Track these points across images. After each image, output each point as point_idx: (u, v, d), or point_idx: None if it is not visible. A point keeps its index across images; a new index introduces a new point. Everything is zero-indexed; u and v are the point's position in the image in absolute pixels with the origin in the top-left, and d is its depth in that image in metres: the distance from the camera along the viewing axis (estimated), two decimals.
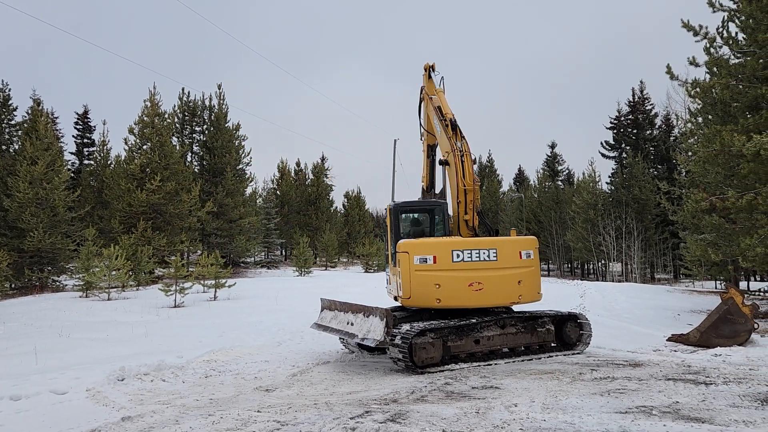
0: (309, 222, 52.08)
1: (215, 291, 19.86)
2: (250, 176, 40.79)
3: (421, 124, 12.04)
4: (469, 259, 8.92)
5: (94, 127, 47.10)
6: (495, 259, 9.00)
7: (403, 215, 10.44)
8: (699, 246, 16.47)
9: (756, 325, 10.63)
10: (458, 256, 8.93)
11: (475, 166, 10.24)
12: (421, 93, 11.98)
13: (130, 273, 22.06)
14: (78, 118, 46.36)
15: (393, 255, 9.69)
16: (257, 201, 48.26)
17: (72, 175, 35.32)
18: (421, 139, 12.18)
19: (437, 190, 11.79)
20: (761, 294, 21.47)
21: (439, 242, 9.18)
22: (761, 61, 13.15)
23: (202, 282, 20.59)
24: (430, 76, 11.87)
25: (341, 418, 5.69)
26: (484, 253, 9.00)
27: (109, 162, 37.82)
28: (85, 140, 46.38)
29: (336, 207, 60.73)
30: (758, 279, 32.57)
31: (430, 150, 11.90)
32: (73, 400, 6.74)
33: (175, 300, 17.81)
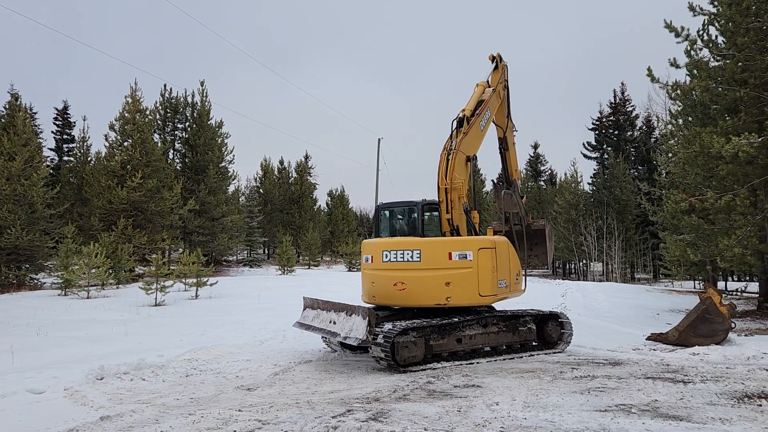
0: (292, 220, 51.92)
1: (197, 289, 19.72)
2: (233, 174, 40.55)
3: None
4: (395, 260, 9.19)
5: (74, 123, 46.46)
6: (418, 260, 9.05)
7: (387, 214, 10.40)
8: (678, 246, 16.70)
9: (733, 325, 10.80)
10: (386, 256, 9.28)
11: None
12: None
13: (110, 271, 21.83)
14: (57, 114, 45.74)
15: None
16: (240, 199, 47.99)
17: (51, 171, 34.78)
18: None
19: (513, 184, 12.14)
20: (738, 294, 21.82)
21: (375, 243, 9.58)
22: (740, 64, 13.35)
23: (183, 280, 20.43)
24: (496, 67, 11.76)
25: (323, 416, 5.67)
26: (408, 254, 9.15)
27: (89, 158, 37.35)
28: (65, 136, 45.75)
29: (319, 206, 60.68)
30: (736, 279, 33.09)
31: (500, 142, 12.17)
32: (50, 399, 6.63)
33: (155, 298, 17.65)
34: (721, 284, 26.25)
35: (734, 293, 22.00)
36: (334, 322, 8.96)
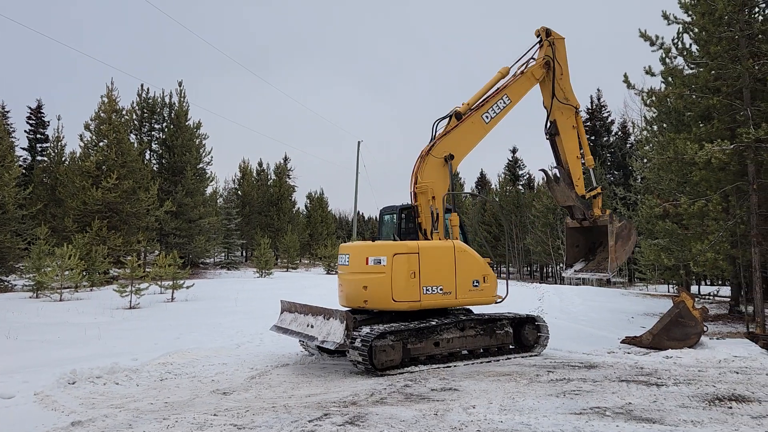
0: (270, 223, 51.62)
1: (173, 292, 19.49)
2: (211, 176, 40.22)
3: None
4: (342, 263, 9.66)
5: (48, 122, 45.59)
6: (347, 263, 9.46)
7: (386, 217, 10.60)
8: (652, 251, 16.97)
9: (705, 328, 10.99)
10: (339, 259, 9.80)
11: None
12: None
13: (84, 273, 21.44)
14: (31, 113, 44.86)
15: None
16: (218, 201, 47.58)
17: (23, 171, 34.20)
18: None
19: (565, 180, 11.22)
20: (711, 298, 22.21)
21: (341, 247, 10.00)
22: (713, 72, 13.61)
23: (159, 283, 20.17)
24: (541, 44, 11.09)
25: (299, 421, 5.64)
26: (344, 258, 9.61)
27: (63, 159, 36.71)
28: (38, 136, 44.88)
29: (298, 208, 60.40)
30: (708, 283, 33.68)
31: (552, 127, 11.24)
32: (20, 404, 6.50)
33: (130, 301, 17.40)
34: (694, 288, 26.69)
35: (707, 297, 22.41)
36: (312, 326, 8.92)
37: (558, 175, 11.21)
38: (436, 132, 10.06)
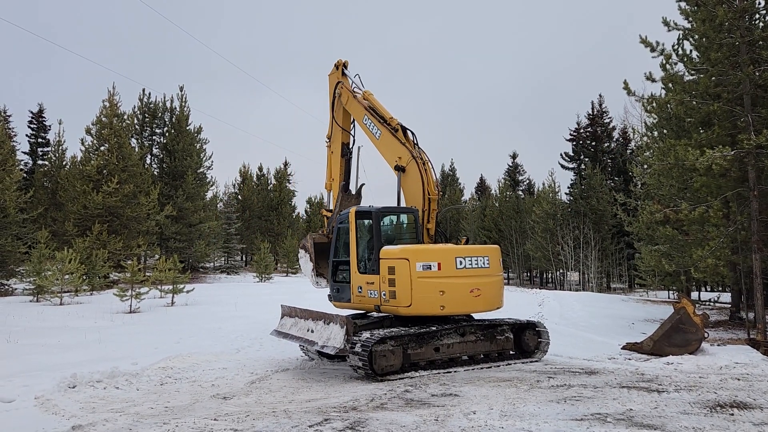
0: (270, 227, 51.58)
1: (173, 296, 19.48)
2: (211, 180, 40.26)
3: (335, 119, 11.92)
4: (477, 265, 9.17)
5: (50, 126, 45.50)
6: (488, 265, 9.31)
7: (385, 220, 10.08)
8: (653, 256, 16.95)
9: (706, 335, 10.97)
10: (474, 261, 9.17)
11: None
12: (336, 88, 11.86)
13: (84, 277, 21.43)
14: (32, 117, 44.86)
15: (372, 260, 9.28)
16: (218, 205, 47.53)
17: (24, 175, 34.15)
18: (327, 138, 12.17)
19: (355, 191, 11.88)
20: (711, 304, 22.18)
21: (440, 249, 9.14)
22: (713, 78, 13.63)
23: (159, 287, 20.17)
24: (344, 73, 11.85)
25: (300, 426, 5.63)
26: (482, 260, 9.28)
27: (64, 163, 36.66)
28: (40, 140, 44.84)
29: (298, 212, 60.35)
30: (709, 289, 33.63)
31: (345, 148, 11.86)
32: (20, 408, 6.50)
33: (130, 305, 17.39)
34: (694, 294, 26.66)
35: (707, 303, 22.37)
36: (312, 331, 8.92)
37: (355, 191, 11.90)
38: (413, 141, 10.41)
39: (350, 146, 11.91)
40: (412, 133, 10.43)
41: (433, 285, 8.69)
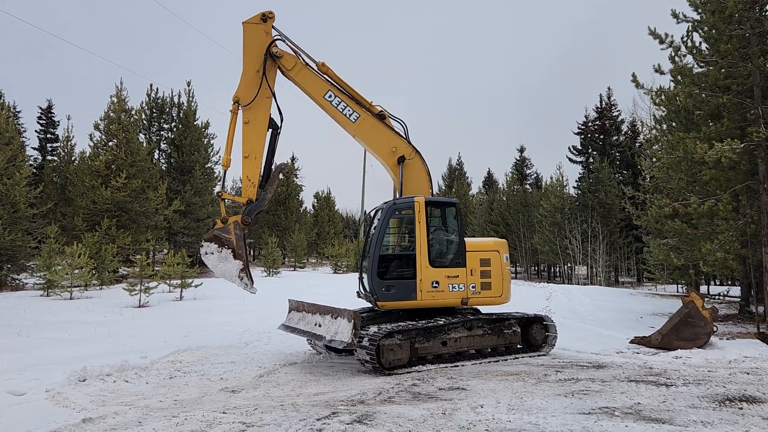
0: (278, 222, 51.67)
1: (181, 291, 19.57)
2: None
3: (268, 84, 9.57)
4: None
5: (58, 122, 45.85)
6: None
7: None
8: (662, 250, 16.89)
9: (715, 328, 10.93)
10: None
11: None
12: (270, 47, 9.55)
13: (94, 272, 21.58)
14: (41, 113, 45.15)
15: (456, 253, 9.26)
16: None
17: (34, 170, 34.45)
18: (235, 101, 9.45)
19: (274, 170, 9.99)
20: (721, 298, 22.07)
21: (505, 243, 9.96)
22: (723, 70, 13.52)
23: (167, 282, 20.26)
24: (275, 31, 9.64)
25: (308, 419, 5.65)
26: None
27: (73, 158, 36.95)
28: (49, 135, 45.17)
29: (305, 207, 60.44)
30: (718, 283, 33.46)
31: (272, 121, 9.70)
32: (31, 401, 6.55)
33: (139, 300, 17.49)
34: (703, 288, 26.53)
35: (716, 297, 22.25)
36: (320, 325, 8.94)
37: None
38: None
39: (280, 119, 9.81)
40: (403, 124, 10.10)
41: (510, 276, 9.79)
